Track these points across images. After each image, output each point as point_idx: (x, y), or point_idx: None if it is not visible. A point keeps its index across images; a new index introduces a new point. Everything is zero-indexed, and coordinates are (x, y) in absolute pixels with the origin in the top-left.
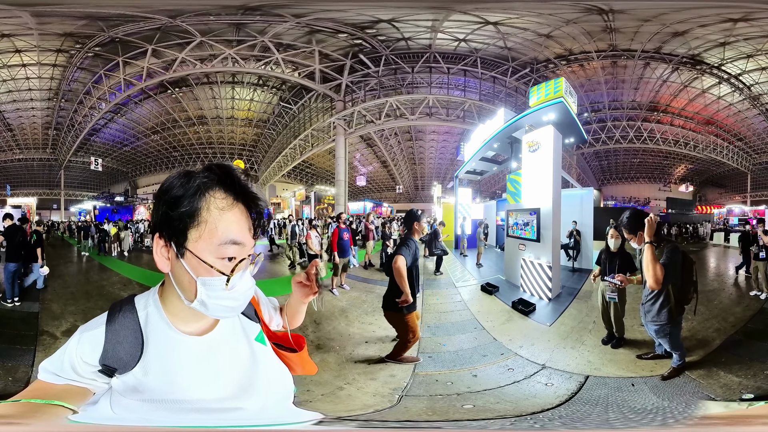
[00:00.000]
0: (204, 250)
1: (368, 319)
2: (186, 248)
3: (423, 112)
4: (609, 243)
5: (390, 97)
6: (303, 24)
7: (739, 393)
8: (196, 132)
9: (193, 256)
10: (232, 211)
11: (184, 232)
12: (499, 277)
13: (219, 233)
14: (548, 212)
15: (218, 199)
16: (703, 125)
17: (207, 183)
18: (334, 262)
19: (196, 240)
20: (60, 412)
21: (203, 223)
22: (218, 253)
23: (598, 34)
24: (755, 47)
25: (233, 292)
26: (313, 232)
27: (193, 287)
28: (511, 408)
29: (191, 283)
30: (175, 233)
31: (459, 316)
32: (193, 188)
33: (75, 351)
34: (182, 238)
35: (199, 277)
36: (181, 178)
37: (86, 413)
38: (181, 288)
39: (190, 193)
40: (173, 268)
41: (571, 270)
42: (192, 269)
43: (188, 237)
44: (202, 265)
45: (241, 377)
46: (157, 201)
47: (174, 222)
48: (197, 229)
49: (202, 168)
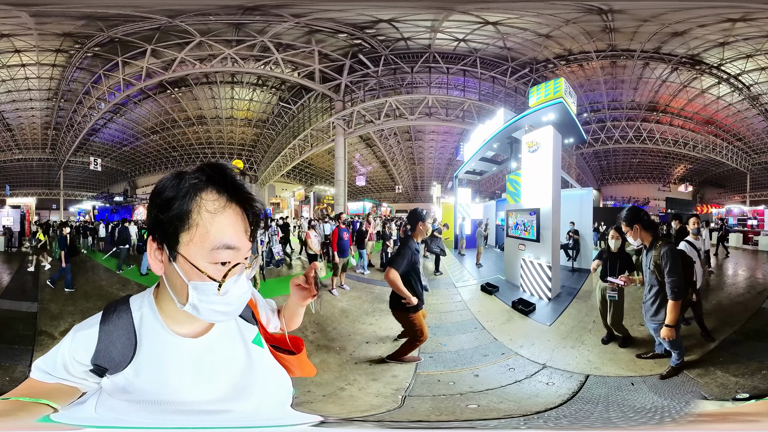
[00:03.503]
0: (196, 254)
1: (368, 319)
2: (178, 252)
3: (422, 112)
4: (609, 243)
5: (389, 97)
6: (302, 24)
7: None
8: (196, 132)
9: (185, 260)
10: (225, 213)
11: (176, 236)
12: (499, 277)
13: (211, 237)
14: (548, 212)
15: (210, 201)
16: (703, 125)
17: (198, 184)
18: (333, 262)
19: (188, 244)
20: (45, 410)
21: (194, 227)
22: (211, 257)
23: (598, 34)
24: (754, 47)
25: (226, 297)
26: (313, 232)
27: (185, 291)
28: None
29: (183, 286)
30: (167, 237)
31: (459, 316)
32: (183, 190)
33: (68, 350)
34: (173, 241)
35: (190, 282)
36: (172, 179)
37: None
38: (174, 291)
39: (180, 194)
40: (166, 271)
41: (571, 270)
42: (184, 273)
43: (179, 240)
44: (194, 269)
45: (237, 380)
46: (150, 203)
47: (165, 225)
48: (188, 232)
49: (195, 168)
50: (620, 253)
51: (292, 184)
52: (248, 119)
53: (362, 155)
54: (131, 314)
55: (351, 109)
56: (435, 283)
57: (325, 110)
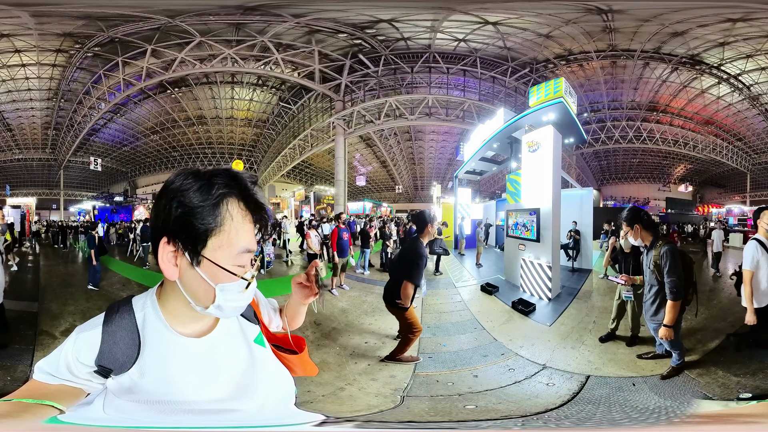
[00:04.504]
0: (223, 258)
1: (368, 319)
2: (203, 256)
3: (422, 112)
4: (622, 243)
5: (389, 97)
6: (302, 24)
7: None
8: (196, 132)
9: (212, 264)
10: (245, 219)
11: (205, 241)
12: (499, 277)
13: (237, 243)
14: (548, 212)
15: (237, 209)
16: (703, 125)
17: (228, 193)
18: (333, 262)
19: (216, 249)
20: (50, 412)
21: (224, 233)
22: (236, 260)
23: (598, 34)
24: (754, 47)
25: (247, 293)
26: (313, 231)
27: (210, 294)
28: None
29: (208, 290)
30: (194, 242)
31: (459, 317)
32: (215, 197)
33: (71, 351)
34: (201, 246)
35: (218, 284)
36: (196, 184)
37: (74, 414)
38: (194, 295)
39: (213, 202)
40: (183, 276)
41: (571, 270)
42: (210, 277)
43: (207, 246)
44: (222, 272)
45: (240, 379)
46: (167, 205)
47: (195, 231)
48: (218, 238)
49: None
50: (633, 253)
51: (292, 184)
52: (248, 119)
53: (362, 155)
54: (134, 315)
55: (351, 109)
56: (435, 283)
57: (325, 110)
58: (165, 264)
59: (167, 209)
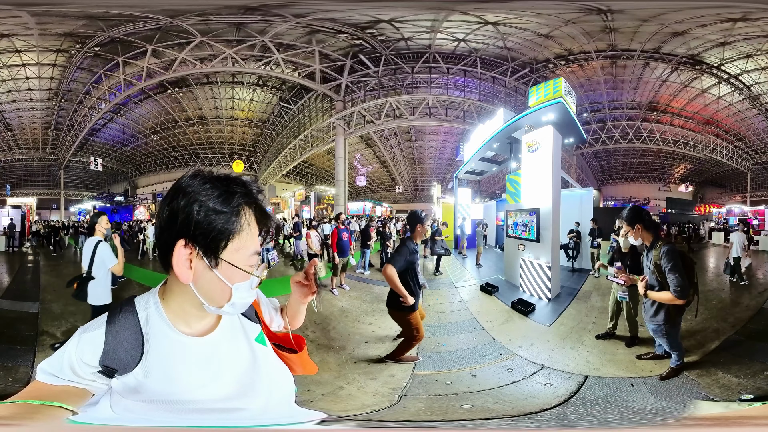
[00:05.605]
0: (239, 260)
1: (368, 319)
2: (221, 259)
3: (423, 113)
4: (620, 243)
5: (390, 98)
6: (303, 24)
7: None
8: (196, 132)
9: (230, 265)
10: (253, 224)
11: (225, 245)
12: (499, 277)
13: (250, 245)
14: (548, 212)
15: (251, 217)
16: (703, 125)
17: (247, 202)
18: (333, 262)
19: (234, 251)
20: (58, 413)
21: (240, 238)
22: (248, 261)
23: (598, 34)
24: (755, 47)
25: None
26: (313, 231)
27: (227, 294)
28: (510, 408)
29: (224, 290)
30: (216, 245)
31: (458, 316)
32: (236, 204)
33: (74, 352)
34: (220, 250)
35: (234, 284)
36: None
37: (87, 414)
38: (209, 296)
39: (235, 209)
40: (197, 278)
41: (571, 270)
42: (227, 277)
43: (227, 248)
44: (239, 273)
45: (242, 378)
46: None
47: (219, 235)
48: (236, 241)
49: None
50: (631, 253)
51: (292, 184)
52: (248, 119)
53: (362, 155)
54: (137, 314)
55: (351, 110)
56: (435, 283)
57: (325, 110)
58: (180, 267)
59: (187, 212)
